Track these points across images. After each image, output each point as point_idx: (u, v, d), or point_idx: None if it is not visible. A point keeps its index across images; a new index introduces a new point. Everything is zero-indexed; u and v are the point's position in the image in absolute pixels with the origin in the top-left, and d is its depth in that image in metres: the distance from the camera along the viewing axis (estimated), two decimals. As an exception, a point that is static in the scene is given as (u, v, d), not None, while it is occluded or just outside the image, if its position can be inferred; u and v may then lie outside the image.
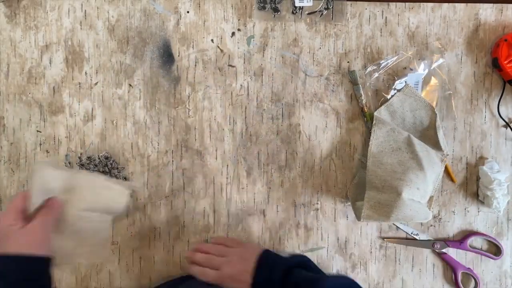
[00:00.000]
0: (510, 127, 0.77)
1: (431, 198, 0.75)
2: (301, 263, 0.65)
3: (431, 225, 0.78)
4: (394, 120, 0.76)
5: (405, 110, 0.75)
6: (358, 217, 0.71)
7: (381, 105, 0.76)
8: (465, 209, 0.78)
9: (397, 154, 0.72)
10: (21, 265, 0.54)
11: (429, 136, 0.75)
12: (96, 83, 0.76)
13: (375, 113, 0.75)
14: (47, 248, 0.57)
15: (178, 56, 0.76)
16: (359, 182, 0.76)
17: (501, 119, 0.77)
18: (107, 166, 0.76)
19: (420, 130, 0.76)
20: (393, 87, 0.76)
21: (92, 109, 0.76)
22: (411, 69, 0.76)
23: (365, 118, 0.76)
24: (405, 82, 0.75)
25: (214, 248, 0.67)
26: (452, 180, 0.78)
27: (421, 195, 0.69)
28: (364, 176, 0.74)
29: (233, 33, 0.76)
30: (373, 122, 0.74)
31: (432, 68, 0.76)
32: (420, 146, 0.72)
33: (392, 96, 0.76)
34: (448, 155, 0.76)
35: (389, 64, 0.76)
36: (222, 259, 0.64)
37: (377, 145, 0.74)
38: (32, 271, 0.55)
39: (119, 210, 0.66)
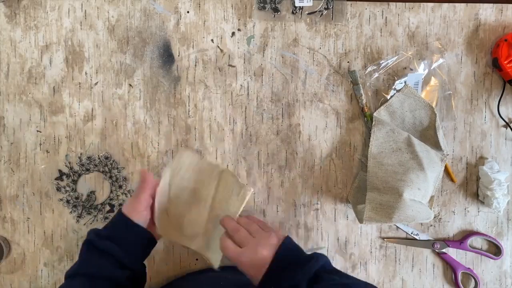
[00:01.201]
0: (510, 127, 0.77)
1: (432, 197, 0.75)
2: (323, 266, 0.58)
3: (431, 225, 0.78)
4: (393, 121, 0.76)
5: (405, 110, 0.75)
6: (360, 219, 0.70)
7: (381, 105, 0.76)
8: (465, 209, 0.78)
9: (397, 155, 0.72)
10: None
11: (429, 136, 0.75)
12: (96, 83, 0.76)
13: (375, 114, 0.75)
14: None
15: (178, 56, 0.76)
16: (359, 185, 0.76)
17: (501, 119, 0.77)
18: (107, 166, 0.76)
19: (420, 130, 0.76)
20: (393, 87, 0.76)
21: (92, 109, 0.76)
22: (411, 69, 0.76)
23: (365, 118, 0.76)
24: (405, 82, 0.75)
25: (249, 224, 0.63)
26: (452, 180, 0.77)
27: (422, 195, 0.69)
28: (364, 179, 0.74)
29: (233, 33, 0.76)
30: (373, 123, 0.74)
31: (432, 68, 0.76)
32: (420, 146, 0.72)
33: (391, 96, 0.76)
34: (448, 155, 0.76)
35: (389, 64, 0.76)
36: (249, 237, 0.60)
37: (377, 146, 0.74)
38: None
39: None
